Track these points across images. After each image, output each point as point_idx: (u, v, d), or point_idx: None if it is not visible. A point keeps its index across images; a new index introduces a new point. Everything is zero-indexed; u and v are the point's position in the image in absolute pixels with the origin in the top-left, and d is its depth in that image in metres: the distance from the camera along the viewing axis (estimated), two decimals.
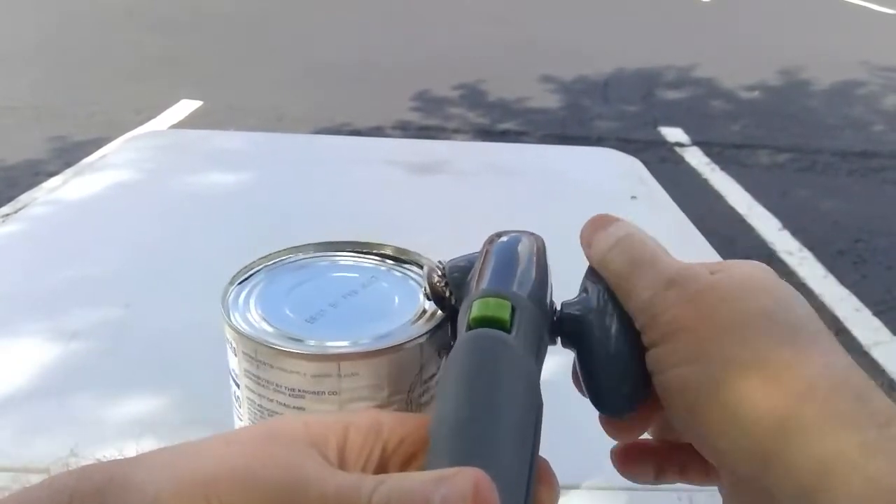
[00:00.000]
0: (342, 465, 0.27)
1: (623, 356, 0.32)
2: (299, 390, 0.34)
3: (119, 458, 0.26)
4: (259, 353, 0.34)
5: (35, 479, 0.26)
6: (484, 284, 0.31)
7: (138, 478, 0.24)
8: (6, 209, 2.60)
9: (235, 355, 0.35)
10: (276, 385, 0.34)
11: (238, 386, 0.37)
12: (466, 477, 0.22)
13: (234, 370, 0.36)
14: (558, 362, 0.35)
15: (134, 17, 5.66)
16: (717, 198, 3.18)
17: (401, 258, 0.41)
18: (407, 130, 3.75)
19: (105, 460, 0.25)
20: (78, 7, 5.78)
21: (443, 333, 0.35)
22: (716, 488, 0.31)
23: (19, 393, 0.60)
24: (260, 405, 0.35)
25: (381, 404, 0.35)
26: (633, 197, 1.01)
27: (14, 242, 0.87)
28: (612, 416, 0.33)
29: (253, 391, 0.35)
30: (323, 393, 0.34)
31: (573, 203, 1.01)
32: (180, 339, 0.66)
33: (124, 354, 0.65)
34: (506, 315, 0.29)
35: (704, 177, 3.41)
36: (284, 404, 0.34)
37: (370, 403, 0.34)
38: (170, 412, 0.58)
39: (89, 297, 0.74)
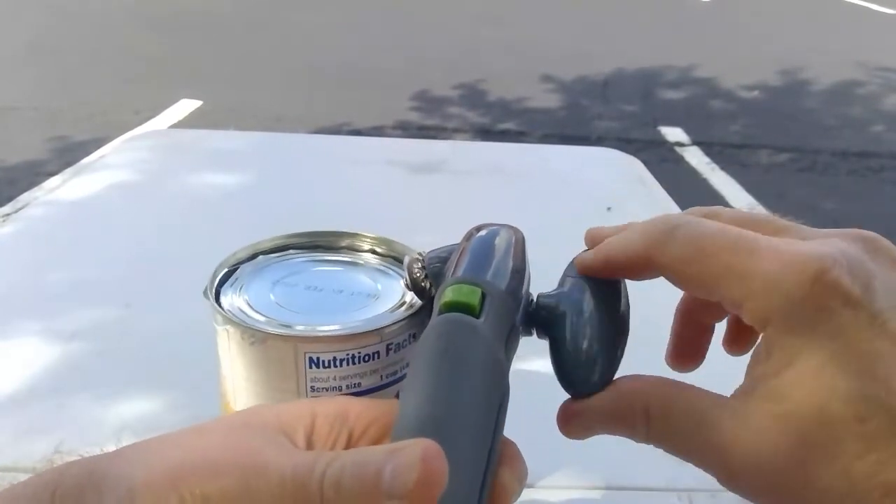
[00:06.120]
0: (309, 450, 0.27)
1: (594, 344, 0.32)
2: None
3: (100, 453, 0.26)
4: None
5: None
6: (458, 273, 0.32)
7: (114, 471, 0.25)
8: (6, 209, 2.60)
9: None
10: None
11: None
12: (416, 447, 0.23)
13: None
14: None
15: (133, 17, 5.66)
16: (717, 198, 3.18)
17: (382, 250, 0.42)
18: (407, 130, 3.75)
19: (87, 456, 0.26)
20: (78, 7, 5.78)
21: (421, 321, 0.36)
22: (716, 489, 0.31)
23: (18, 393, 0.60)
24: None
25: None
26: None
27: (14, 242, 0.87)
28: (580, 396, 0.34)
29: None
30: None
31: (573, 202, 1.01)
32: (180, 339, 0.66)
33: (124, 354, 0.65)
34: (475, 301, 0.30)
35: (704, 177, 3.41)
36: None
37: None
38: (169, 412, 0.58)
39: (89, 297, 0.74)
